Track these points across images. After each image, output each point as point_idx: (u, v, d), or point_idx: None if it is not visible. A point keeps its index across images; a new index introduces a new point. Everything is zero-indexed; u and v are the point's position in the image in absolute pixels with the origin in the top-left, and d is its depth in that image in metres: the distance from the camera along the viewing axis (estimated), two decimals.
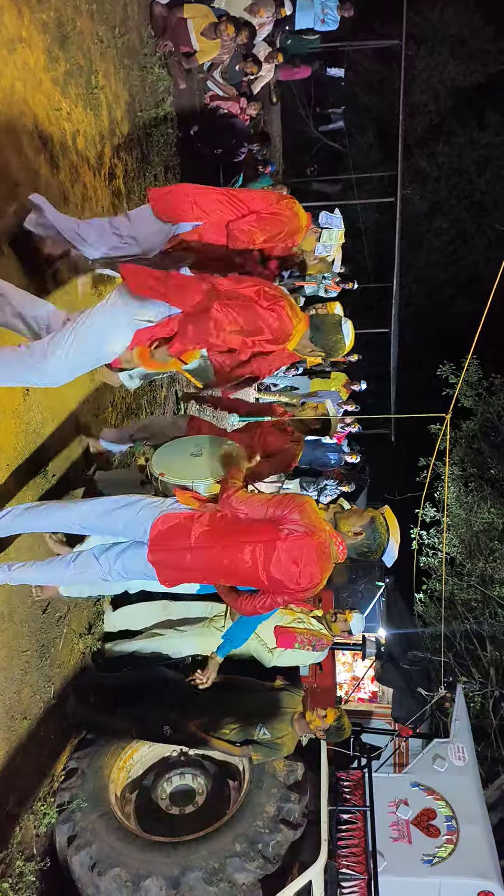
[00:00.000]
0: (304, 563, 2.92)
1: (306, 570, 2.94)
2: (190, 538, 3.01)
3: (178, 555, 3.04)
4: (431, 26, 16.12)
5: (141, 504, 3.18)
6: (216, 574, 3.07)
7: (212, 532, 3.02)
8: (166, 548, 3.04)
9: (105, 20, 4.84)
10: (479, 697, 9.58)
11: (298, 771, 4.00)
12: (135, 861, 3.50)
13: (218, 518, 3.06)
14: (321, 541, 2.96)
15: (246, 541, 2.96)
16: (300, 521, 2.92)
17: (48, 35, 3.89)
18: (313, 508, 3.02)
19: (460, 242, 17.26)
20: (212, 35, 6.42)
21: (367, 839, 4.21)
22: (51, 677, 3.83)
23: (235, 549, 2.97)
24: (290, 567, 2.92)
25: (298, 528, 2.92)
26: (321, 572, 2.98)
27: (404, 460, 12.87)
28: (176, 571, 3.10)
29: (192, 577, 3.13)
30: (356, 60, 15.40)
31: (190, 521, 3.06)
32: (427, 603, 11.45)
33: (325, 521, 3.05)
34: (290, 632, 4.18)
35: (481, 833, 4.53)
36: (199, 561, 3.02)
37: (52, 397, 3.85)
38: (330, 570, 3.05)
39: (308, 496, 3.10)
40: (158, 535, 3.06)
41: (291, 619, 4.25)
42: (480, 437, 12.01)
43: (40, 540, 3.70)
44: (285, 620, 4.24)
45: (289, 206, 3.64)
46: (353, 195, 14.15)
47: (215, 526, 3.04)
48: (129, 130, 5.35)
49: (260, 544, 2.94)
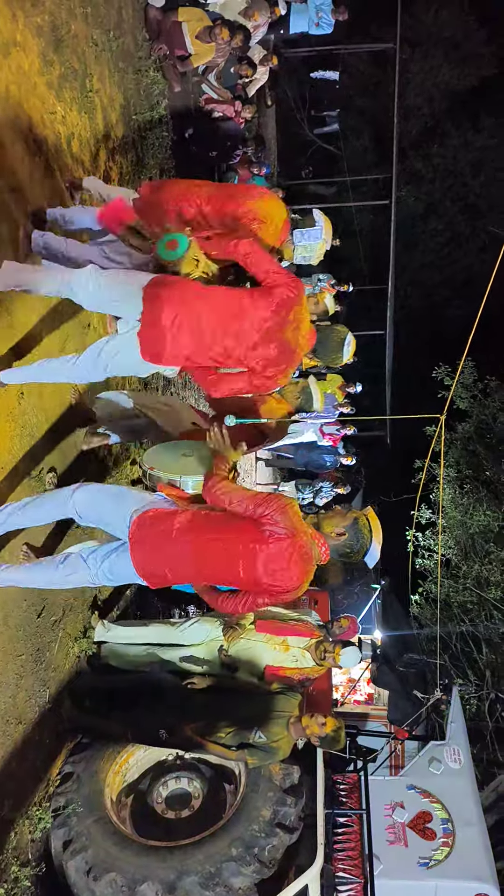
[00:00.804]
0: (285, 565, 2.93)
1: (287, 573, 2.95)
2: (171, 533, 3.02)
3: (157, 550, 3.03)
4: (426, 29, 16.16)
5: (129, 496, 3.22)
6: (196, 572, 3.06)
7: (193, 527, 3.03)
8: (146, 541, 3.04)
9: (100, 23, 4.84)
10: (475, 700, 9.57)
11: (294, 774, 4.00)
12: (130, 866, 3.49)
13: (201, 515, 3.07)
14: (302, 543, 2.97)
15: (227, 538, 2.97)
16: (282, 522, 2.94)
17: (42, 39, 3.89)
18: (295, 511, 3.04)
19: (455, 245, 17.29)
20: (206, 38, 6.42)
21: (363, 842, 4.21)
22: (46, 681, 3.82)
23: (216, 547, 2.97)
24: (272, 568, 2.94)
25: (280, 529, 2.93)
26: (302, 574, 3.00)
27: (400, 462, 12.87)
28: (157, 569, 3.09)
29: (171, 575, 3.12)
30: (351, 63, 15.43)
31: (172, 517, 3.07)
32: (423, 605, 11.45)
33: (306, 524, 3.06)
34: (281, 672, 4.16)
35: (477, 836, 4.53)
36: (178, 558, 3.01)
37: (48, 399, 3.85)
38: (311, 572, 3.07)
39: (291, 498, 3.13)
40: (140, 524, 3.06)
41: (285, 656, 4.17)
42: (476, 438, 12.02)
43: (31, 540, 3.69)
44: (278, 659, 4.18)
45: (261, 217, 3.53)
46: (348, 197, 14.15)
47: (197, 522, 3.04)
48: (124, 133, 5.35)
49: (241, 543, 2.94)
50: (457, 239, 17.27)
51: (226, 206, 3.51)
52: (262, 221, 3.52)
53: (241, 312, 3.09)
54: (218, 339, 3.09)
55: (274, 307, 3.11)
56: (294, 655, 4.16)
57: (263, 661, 4.17)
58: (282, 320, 3.15)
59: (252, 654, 4.18)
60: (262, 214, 3.55)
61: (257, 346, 3.12)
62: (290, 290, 3.15)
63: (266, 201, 3.60)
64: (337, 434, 9.89)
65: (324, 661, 4.19)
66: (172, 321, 3.02)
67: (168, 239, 3.20)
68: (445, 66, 16.31)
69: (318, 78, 12.87)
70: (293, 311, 3.18)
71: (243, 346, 3.12)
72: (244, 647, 4.18)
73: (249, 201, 3.53)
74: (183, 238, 3.19)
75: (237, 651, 4.18)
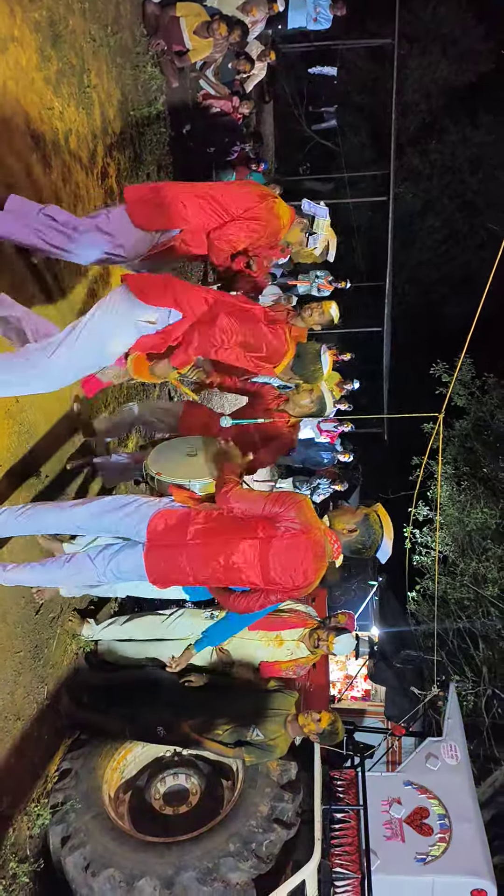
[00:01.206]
0: (300, 560, 2.95)
1: (301, 568, 2.96)
2: (186, 535, 3.02)
3: (173, 552, 3.04)
4: (424, 25, 16.13)
5: (136, 503, 3.19)
6: (210, 573, 3.07)
7: (208, 530, 3.03)
8: (162, 544, 3.05)
9: (97, 19, 4.83)
10: (472, 696, 9.61)
11: (292, 770, 4.01)
12: (128, 861, 3.49)
13: (215, 516, 3.07)
14: (317, 539, 2.98)
15: (242, 538, 2.97)
16: (297, 518, 2.96)
17: (40, 34, 3.87)
18: (309, 506, 3.06)
19: (453, 242, 17.28)
20: (204, 34, 6.40)
21: (360, 838, 4.23)
22: (44, 678, 3.82)
23: (231, 547, 2.98)
24: (286, 564, 2.95)
25: (295, 525, 2.95)
26: (316, 570, 3.01)
27: (397, 459, 12.89)
28: (169, 570, 3.09)
29: (186, 577, 3.13)
30: (349, 59, 15.39)
31: (186, 519, 3.07)
32: (420, 601, 11.49)
33: (320, 520, 3.07)
34: (275, 666, 4.13)
35: (474, 831, 4.55)
36: (194, 560, 3.02)
37: (47, 397, 3.84)
38: (324, 569, 3.08)
39: (304, 494, 3.13)
40: (155, 531, 3.06)
41: (279, 650, 4.11)
42: (473, 436, 12.05)
43: (34, 540, 3.69)
44: (274, 655, 4.12)
45: (269, 208, 3.60)
46: (346, 194, 14.13)
47: (211, 524, 3.05)
48: (122, 129, 5.34)
49: (255, 541, 2.96)
50: (455, 236, 17.27)
51: (268, 242, 3.62)
52: (274, 196, 3.62)
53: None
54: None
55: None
56: (289, 648, 4.10)
57: (258, 658, 4.15)
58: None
59: (245, 652, 4.16)
60: (269, 193, 3.63)
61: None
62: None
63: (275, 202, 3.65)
64: (334, 431, 9.90)
65: (317, 649, 4.07)
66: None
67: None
68: (443, 63, 16.28)
69: (316, 74, 12.84)
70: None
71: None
72: (238, 645, 4.14)
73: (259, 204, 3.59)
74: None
75: (232, 648, 4.16)
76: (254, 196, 3.63)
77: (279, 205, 3.70)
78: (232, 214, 3.55)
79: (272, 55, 8.59)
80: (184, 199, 3.49)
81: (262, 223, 3.61)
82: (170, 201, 3.46)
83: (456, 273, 16.96)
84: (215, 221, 3.54)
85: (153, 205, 3.45)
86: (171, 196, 3.47)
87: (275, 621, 4.12)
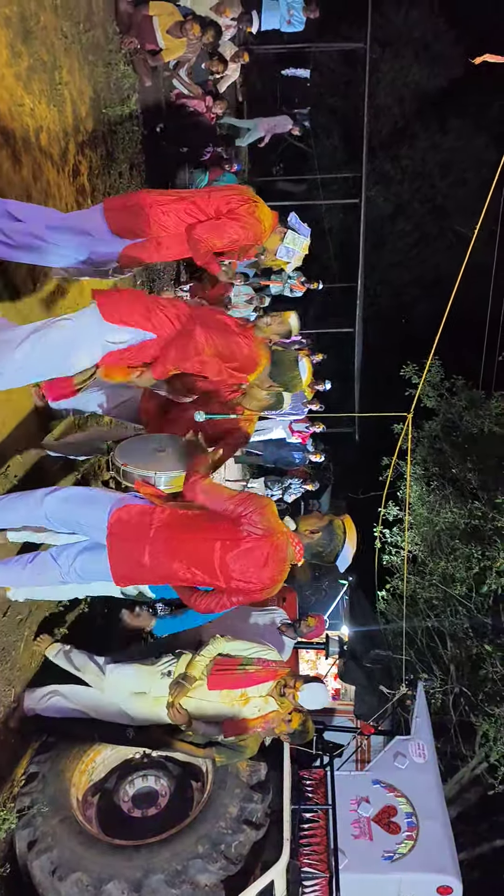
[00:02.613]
0: (260, 564, 2.96)
1: (261, 571, 2.98)
2: (149, 531, 3.01)
3: (135, 547, 3.02)
4: (396, 29, 16.29)
5: (102, 496, 3.20)
6: (171, 572, 3.06)
7: (171, 526, 3.03)
8: (124, 537, 3.03)
9: (69, 15, 4.78)
10: (440, 694, 9.73)
11: (262, 771, 4.01)
12: (96, 865, 3.47)
13: (178, 513, 3.06)
14: (278, 543, 3.00)
15: (204, 538, 2.97)
16: (259, 522, 2.97)
17: (11, 30, 3.83)
18: (273, 510, 3.07)
19: (423, 245, 17.49)
20: (177, 33, 6.38)
21: (328, 837, 4.25)
22: (11, 681, 3.78)
23: (193, 546, 2.98)
24: (246, 567, 2.96)
25: (257, 529, 2.96)
26: (277, 573, 3.03)
27: (368, 459, 13.00)
28: (132, 567, 3.07)
29: (148, 574, 3.11)
30: (322, 62, 15.49)
31: (150, 514, 3.06)
32: (389, 600, 11.59)
33: (282, 523, 3.09)
34: (241, 723, 3.63)
35: (440, 829, 4.61)
36: (156, 556, 3.01)
37: (16, 393, 3.79)
38: (286, 572, 3.10)
39: (269, 498, 3.14)
40: (118, 522, 3.04)
41: (245, 709, 3.60)
42: (442, 437, 12.19)
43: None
44: (239, 714, 3.63)
45: (250, 212, 3.61)
46: (319, 195, 14.22)
47: (175, 521, 3.04)
48: (94, 127, 5.30)
49: (217, 542, 2.96)
50: (425, 239, 17.48)
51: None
52: (255, 201, 3.59)
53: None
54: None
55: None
56: (256, 706, 3.63)
57: (221, 718, 3.68)
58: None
59: (206, 713, 3.68)
60: (253, 198, 3.62)
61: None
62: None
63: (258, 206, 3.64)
64: (306, 431, 9.96)
65: (283, 698, 3.55)
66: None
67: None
68: (415, 67, 16.48)
69: (290, 75, 12.87)
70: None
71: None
72: (196, 706, 3.65)
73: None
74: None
75: (191, 709, 3.66)
76: (237, 198, 3.64)
77: (261, 209, 3.70)
78: (210, 214, 3.55)
79: (245, 56, 8.59)
80: (161, 205, 3.48)
81: (242, 225, 3.60)
82: (146, 206, 3.45)
83: (426, 275, 17.17)
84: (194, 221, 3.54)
85: (131, 212, 3.44)
86: (149, 203, 3.46)
87: (239, 678, 3.62)
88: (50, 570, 3.23)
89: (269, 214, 3.79)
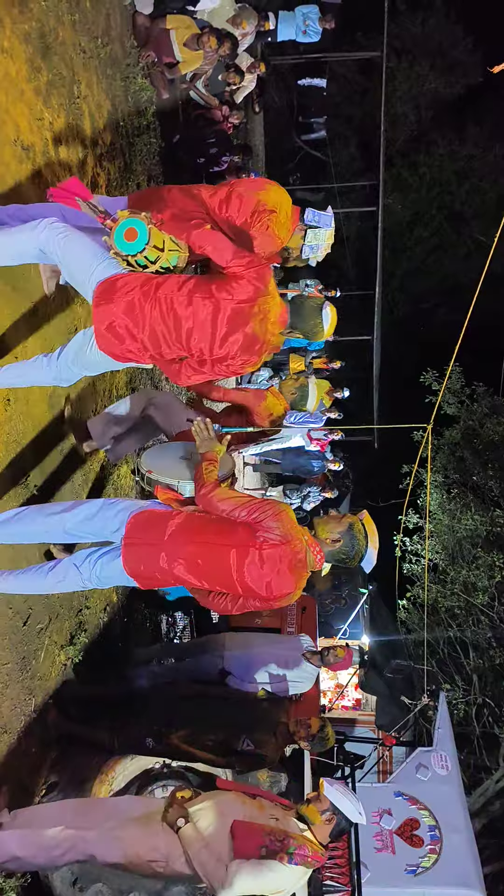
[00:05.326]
0: (278, 571, 2.91)
1: (279, 579, 2.93)
2: (164, 534, 3.00)
3: (151, 550, 3.01)
4: (412, 38, 16.32)
5: (121, 504, 3.19)
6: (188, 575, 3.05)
7: (186, 528, 3.02)
8: (140, 541, 3.03)
9: (87, 30, 4.84)
10: (463, 705, 9.61)
11: (282, 782, 3.98)
12: (117, 876, 3.46)
13: (195, 517, 3.05)
14: (296, 550, 2.95)
15: (221, 543, 2.95)
16: (276, 528, 2.92)
17: (30, 45, 3.88)
18: (290, 517, 3.00)
19: (441, 252, 17.44)
20: (194, 46, 6.44)
21: (350, 850, 4.20)
22: (32, 690, 3.79)
23: (210, 550, 2.96)
24: (262, 575, 2.91)
25: (274, 536, 2.91)
26: (295, 581, 2.98)
27: (387, 467, 12.93)
28: (149, 570, 3.08)
29: (166, 576, 3.10)
30: (338, 72, 15.53)
31: (166, 518, 3.06)
32: (410, 610, 11.48)
33: (302, 529, 3.04)
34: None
35: (465, 842, 4.54)
36: (173, 559, 3.00)
37: (35, 406, 3.83)
38: (304, 579, 3.04)
39: (286, 504, 3.09)
40: (133, 525, 3.05)
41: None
42: (463, 444, 12.09)
43: (20, 548, 3.66)
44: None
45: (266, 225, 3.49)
46: (336, 203, 14.22)
47: (190, 524, 3.03)
48: (112, 140, 5.35)
49: (234, 548, 2.92)
50: (443, 246, 17.43)
51: (232, 202, 3.44)
52: (273, 211, 3.46)
53: (194, 315, 2.94)
54: (172, 342, 3.00)
55: (235, 302, 2.94)
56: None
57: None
58: (245, 314, 2.97)
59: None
60: (273, 204, 3.51)
61: (219, 342, 2.98)
62: (253, 282, 2.96)
63: (271, 191, 3.57)
64: (324, 439, 9.91)
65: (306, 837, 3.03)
66: (125, 329, 2.94)
67: (125, 228, 2.83)
68: (432, 75, 16.48)
69: (306, 85, 12.93)
70: (257, 304, 2.99)
71: (202, 343, 3.00)
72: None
73: (257, 193, 3.48)
74: (141, 225, 2.83)
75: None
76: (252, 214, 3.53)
77: (277, 223, 3.58)
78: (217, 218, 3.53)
79: (262, 67, 8.64)
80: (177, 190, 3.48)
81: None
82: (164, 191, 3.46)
83: (445, 283, 17.11)
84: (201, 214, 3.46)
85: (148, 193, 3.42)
86: (166, 189, 3.48)
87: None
88: (71, 577, 3.24)
89: (286, 197, 3.69)
